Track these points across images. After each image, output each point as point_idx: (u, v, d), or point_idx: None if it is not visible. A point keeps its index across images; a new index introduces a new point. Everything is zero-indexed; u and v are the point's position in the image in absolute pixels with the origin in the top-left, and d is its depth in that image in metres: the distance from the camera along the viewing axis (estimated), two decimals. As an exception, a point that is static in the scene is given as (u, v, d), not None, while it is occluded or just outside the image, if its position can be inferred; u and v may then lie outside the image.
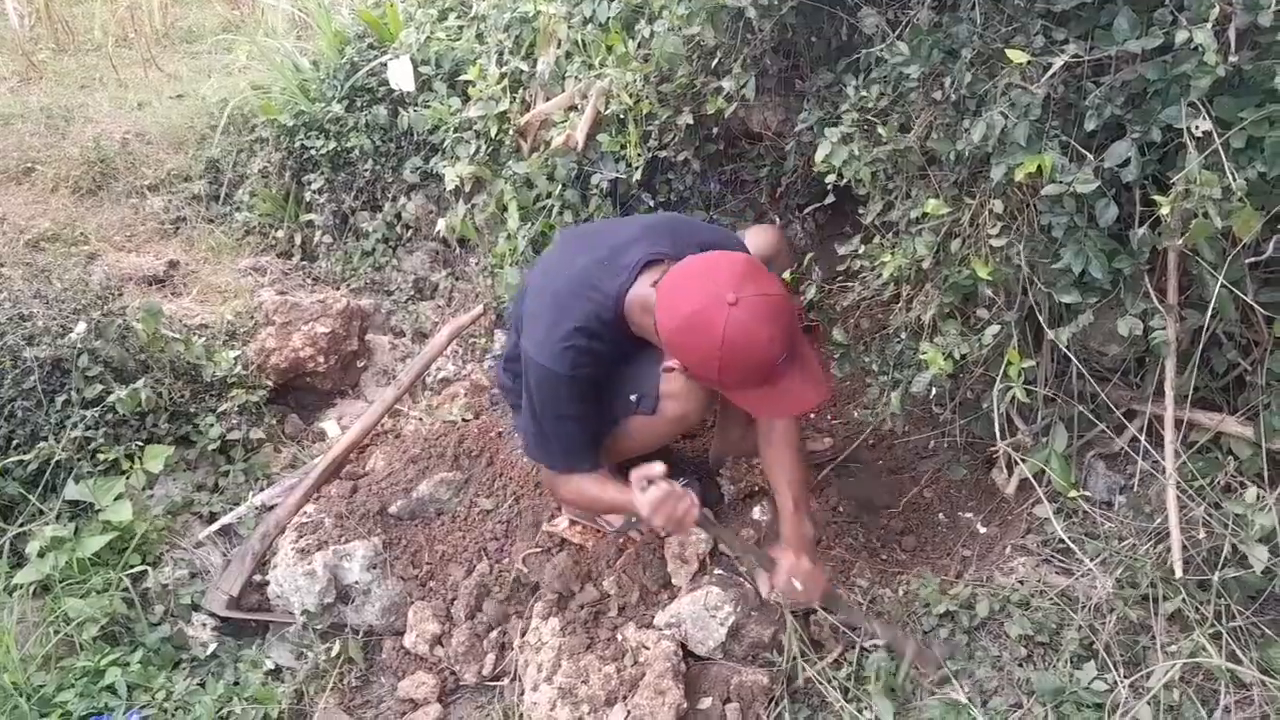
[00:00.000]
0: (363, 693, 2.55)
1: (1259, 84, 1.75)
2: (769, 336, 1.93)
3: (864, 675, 2.25)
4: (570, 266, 2.25)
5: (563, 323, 2.14)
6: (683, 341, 1.98)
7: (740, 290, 1.91)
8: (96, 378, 2.94)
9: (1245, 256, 1.87)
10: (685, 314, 1.95)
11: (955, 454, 2.71)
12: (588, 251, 2.25)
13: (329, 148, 3.98)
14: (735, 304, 1.90)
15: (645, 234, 2.25)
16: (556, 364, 2.13)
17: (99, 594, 2.58)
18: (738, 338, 1.90)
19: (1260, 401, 2.05)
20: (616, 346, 2.20)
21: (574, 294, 2.17)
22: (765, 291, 1.94)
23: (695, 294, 1.94)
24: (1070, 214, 2.03)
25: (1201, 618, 2.02)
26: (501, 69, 3.49)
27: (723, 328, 1.90)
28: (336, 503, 2.82)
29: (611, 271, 2.16)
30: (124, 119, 4.76)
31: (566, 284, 2.21)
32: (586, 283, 2.17)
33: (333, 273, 4.08)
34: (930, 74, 2.22)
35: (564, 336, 2.13)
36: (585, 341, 2.14)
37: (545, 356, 2.14)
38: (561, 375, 2.14)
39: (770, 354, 1.95)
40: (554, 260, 2.38)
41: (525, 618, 2.53)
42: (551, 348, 2.14)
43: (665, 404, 2.24)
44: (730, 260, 2.00)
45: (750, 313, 1.90)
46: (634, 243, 2.21)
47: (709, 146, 3.17)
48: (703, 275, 1.98)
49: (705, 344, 1.93)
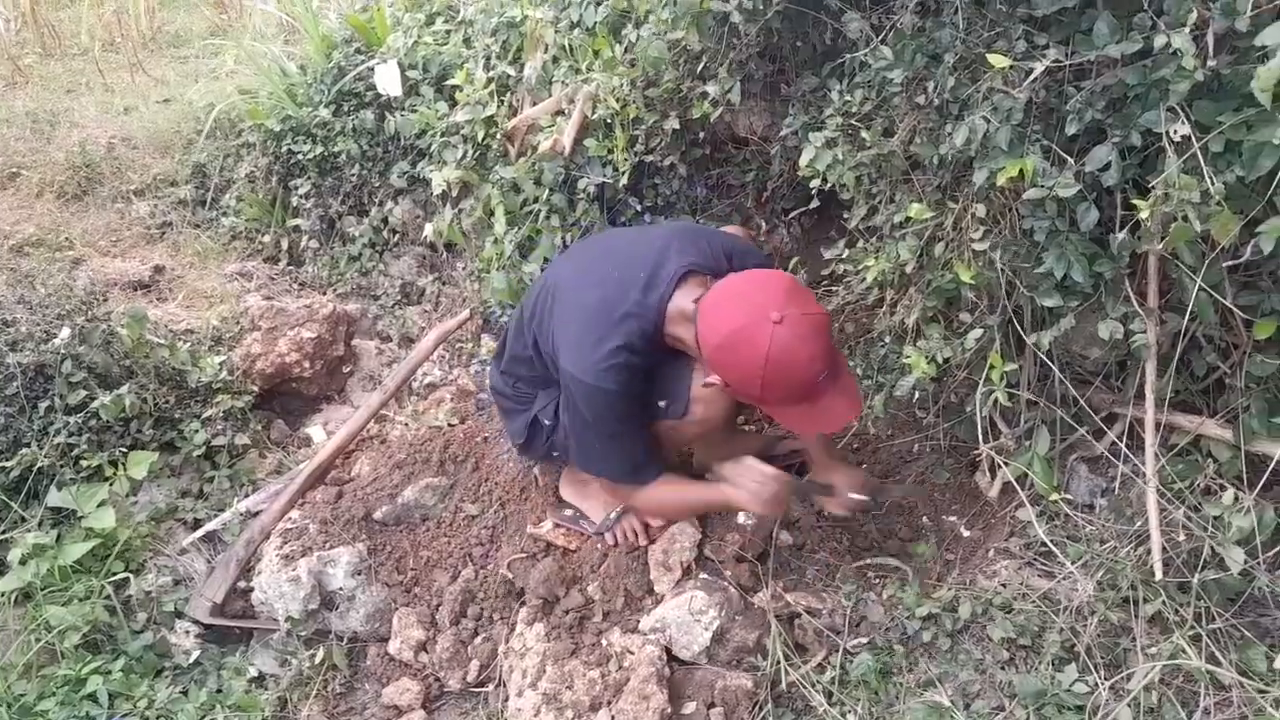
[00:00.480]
0: (347, 699, 2.54)
1: (1237, 88, 1.76)
2: (810, 354, 1.95)
3: (847, 679, 2.25)
4: (604, 281, 2.24)
5: (606, 340, 2.14)
6: (726, 358, 2.01)
7: (784, 309, 1.94)
8: (80, 384, 2.93)
9: (1224, 260, 1.88)
10: (729, 331, 1.97)
11: (939, 457, 2.71)
12: (620, 264, 2.26)
13: (316, 152, 3.98)
14: (780, 322, 1.93)
15: (676, 245, 2.26)
16: (604, 381, 2.14)
17: (81, 602, 2.57)
18: (781, 356, 1.93)
19: (1239, 404, 2.06)
20: (655, 358, 2.22)
21: (614, 310, 2.17)
22: (808, 310, 1.97)
23: (739, 312, 1.97)
24: (1052, 218, 2.04)
25: (1181, 620, 2.03)
26: (488, 73, 3.49)
27: (767, 346, 1.93)
28: (321, 508, 2.81)
29: (650, 285, 2.18)
30: (110, 124, 4.74)
31: (604, 299, 2.20)
32: (626, 298, 2.18)
33: (319, 278, 4.08)
34: (913, 78, 2.22)
35: (608, 354, 2.13)
36: (629, 358, 2.15)
37: (591, 375, 2.15)
38: (611, 392, 2.16)
39: (812, 371, 1.97)
40: (581, 272, 2.35)
41: (510, 623, 2.53)
42: (596, 366, 2.14)
43: (694, 408, 2.26)
44: (772, 279, 2.03)
45: (793, 331, 1.93)
46: (667, 254, 2.23)
47: (695, 151, 3.17)
48: (746, 293, 2.00)
49: (749, 361, 1.96)
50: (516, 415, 2.55)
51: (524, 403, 2.52)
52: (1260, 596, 2.08)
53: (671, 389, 2.26)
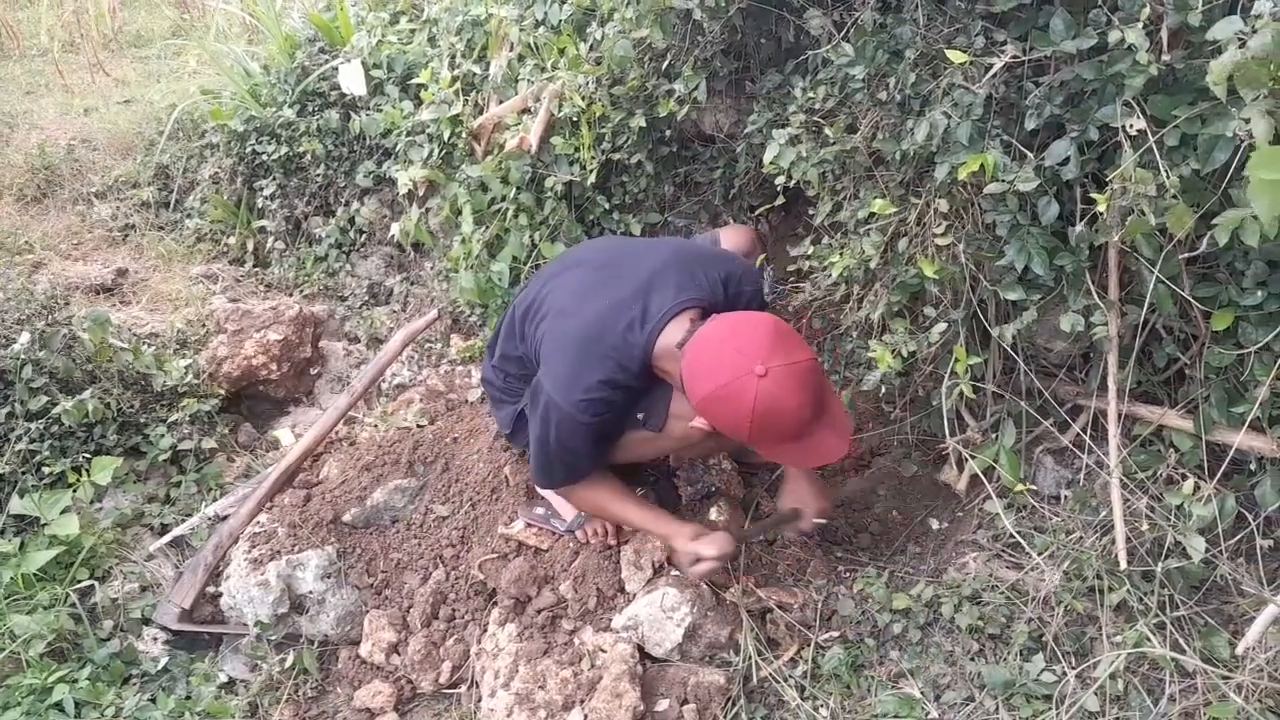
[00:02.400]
0: (318, 703, 2.52)
1: (1191, 83, 1.78)
2: (798, 403, 1.96)
3: (819, 673, 2.27)
4: (595, 305, 2.23)
5: (587, 374, 2.15)
6: (713, 410, 2.01)
7: (769, 361, 1.93)
8: (41, 389, 2.89)
9: (1181, 253, 1.91)
10: (714, 387, 1.97)
11: (906, 451, 2.73)
12: (614, 292, 2.24)
13: (281, 153, 3.95)
14: (764, 375, 1.92)
15: (673, 275, 2.25)
16: (581, 413, 2.15)
17: (46, 610, 2.54)
18: (768, 407, 1.94)
19: (1199, 394, 2.09)
20: (637, 390, 2.23)
21: (600, 342, 2.17)
22: (793, 360, 1.96)
23: (724, 366, 1.96)
24: (1013, 212, 2.06)
25: (1146, 608, 2.05)
26: (454, 72, 3.47)
27: (753, 400, 1.93)
28: (290, 512, 2.78)
29: (640, 319, 2.17)
30: (70, 125, 4.68)
31: (592, 328, 2.19)
32: (614, 330, 2.17)
33: (286, 279, 4.05)
34: (875, 75, 2.24)
35: (588, 388, 2.14)
36: (609, 394, 2.16)
37: (567, 402, 2.15)
38: (586, 424, 2.17)
39: (799, 418, 1.98)
40: (575, 293, 2.33)
41: (482, 624, 2.52)
42: (574, 396, 2.15)
43: (673, 424, 2.26)
44: (756, 326, 2.02)
45: (779, 384, 1.93)
46: (662, 286, 2.22)
47: (662, 149, 3.17)
48: (730, 345, 1.99)
49: (736, 415, 1.97)
50: (505, 405, 2.57)
51: (513, 396, 2.53)
52: (1223, 584, 2.11)
53: (652, 403, 2.27)
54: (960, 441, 2.46)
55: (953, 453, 2.53)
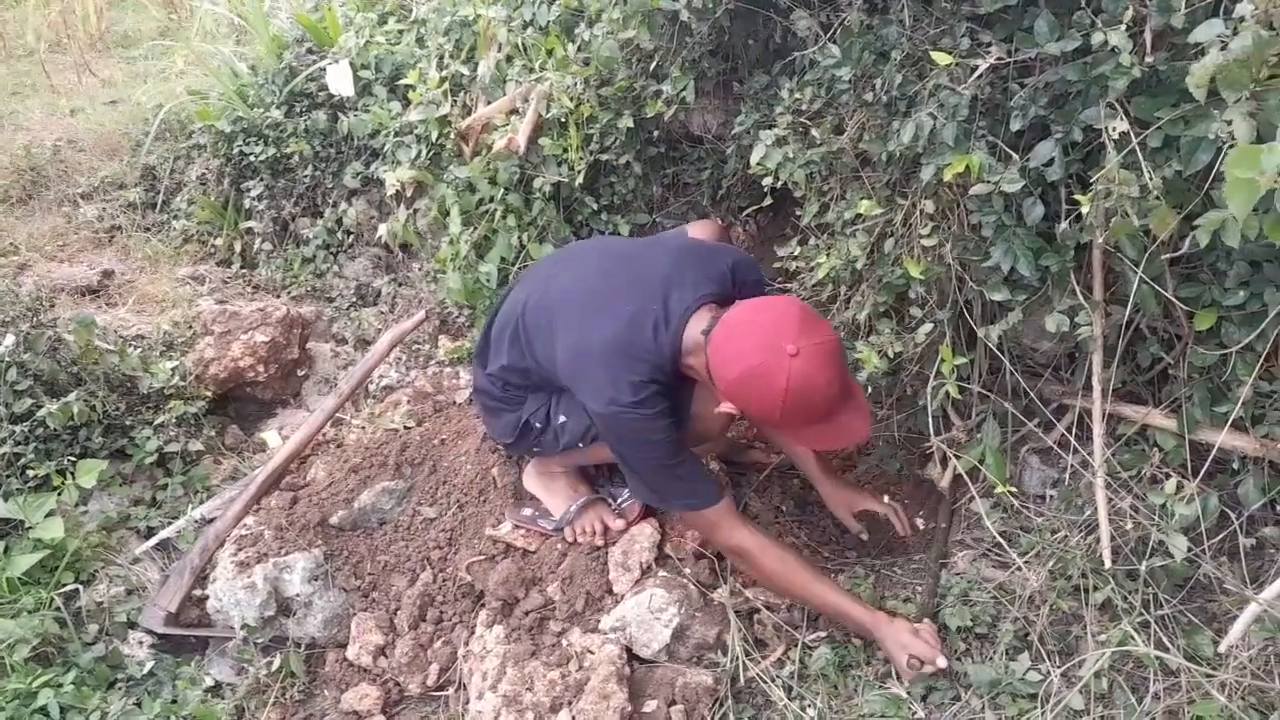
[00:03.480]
0: (305, 706, 2.51)
1: (1174, 84, 1.79)
2: (827, 381, 1.96)
3: (806, 673, 2.27)
4: (613, 317, 2.20)
5: (631, 376, 2.13)
6: (744, 392, 2.01)
7: (799, 341, 1.94)
8: (26, 391, 2.88)
9: (1164, 253, 1.92)
10: (745, 368, 1.97)
11: (892, 450, 2.74)
12: (629, 294, 2.23)
13: (268, 154, 3.94)
14: (796, 355, 1.93)
15: (685, 273, 2.24)
16: (635, 410, 2.13)
17: (30, 614, 2.51)
18: (800, 387, 1.94)
19: (1183, 394, 2.10)
20: (675, 390, 2.22)
21: (631, 349, 2.16)
22: (822, 338, 1.97)
23: (754, 348, 1.97)
24: (999, 213, 2.07)
25: (1130, 607, 2.06)
26: (442, 73, 3.47)
27: (786, 380, 1.93)
28: (277, 514, 2.77)
29: (663, 320, 2.17)
30: (56, 125, 4.66)
31: (620, 339, 2.17)
32: (642, 335, 2.16)
33: (273, 280, 4.03)
34: (861, 76, 2.25)
35: (638, 388, 2.12)
36: (656, 388, 2.15)
37: (621, 405, 2.13)
38: (644, 415, 2.14)
39: (829, 397, 1.98)
40: (584, 296, 2.30)
41: (469, 626, 2.51)
42: (624, 399, 2.12)
43: (694, 424, 2.27)
44: (784, 309, 2.02)
45: (810, 362, 1.93)
46: (679, 284, 2.21)
47: (650, 149, 3.18)
48: (758, 327, 1.99)
49: (768, 395, 1.96)
50: (504, 414, 2.52)
51: (513, 405, 2.50)
52: (1206, 582, 2.12)
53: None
54: (945, 441, 2.46)
55: (937, 452, 2.54)
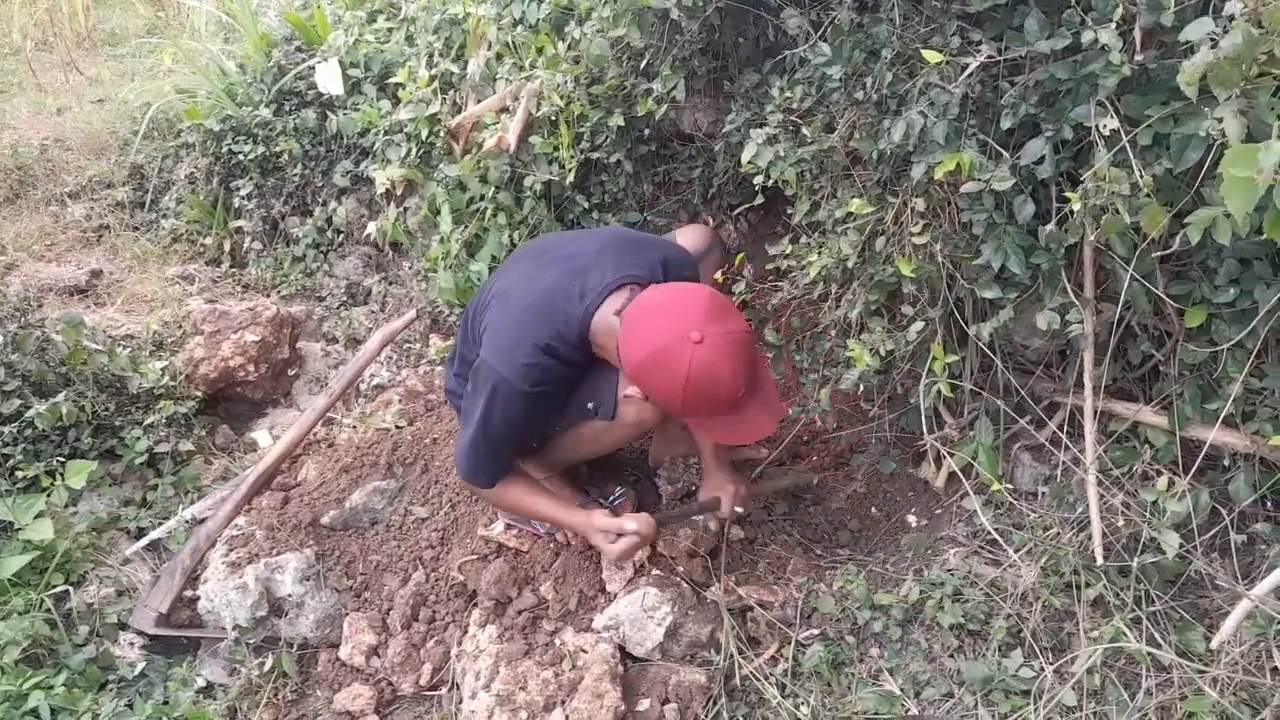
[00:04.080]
0: (298, 707, 2.50)
1: (1164, 82, 1.79)
2: (732, 372, 1.95)
3: (800, 670, 2.27)
4: (538, 282, 2.24)
5: (527, 339, 2.14)
6: (648, 377, 2.00)
7: (705, 328, 1.92)
8: (14, 392, 2.86)
9: (1155, 251, 1.92)
10: (650, 351, 1.96)
11: (885, 449, 2.74)
12: (555, 268, 2.25)
13: (257, 152, 3.92)
14: (700, 342, 1.91)
15: (611, 254, 2.25)
16: (519, 379, 2.14)
17: (20, 615, 2.50)
18: (702, 376, 1.93)
19: (1174, 391, 2.11)
20: (577, 365, 2.22)
21: (540, 312, 2.18)
22: (729, 329, 1.96)
23: (660, 331, 1.96)
24: (989, 211, 2.07)
25: (1122, 603, 2.07)
26: (431, 71, 3.46)
27: (687, 366, 1.92)
28: (268, 514, 2.76)
29: (579, 293, 2.17)
30: (43, 124, 4.63)
31: (534, 301, 2.20)
32: (554, 302, 2.18)
33: (263, 280, 4.01)
34: (852, 74, 2.24)
35: (528, 354, 2.13)
36: (548, 360, 2.15)
37: (508, 368, 2.14)
38: (520, 390, 2.15)
39: (733, 389, 1.97)
40: (519, 273, 2.35)
41: (462, 626, 2.51)
42: (514, 362, 2.14)
43: (624, 410, 2.26)
44: (695, 295, 2.02)
45: (714, 351, 1.92)
46: (601, 263, 2.22)
47: (641, 148, 3.17)
48: (668, 311, 1.99)
49: (670, 381, 1.95)
50: None
51: None
52: (1197, 579, 2.13)
53: (599, 391, 2.27)
54: (938, 439, 2.47)
55: (930, 450, 2.54)
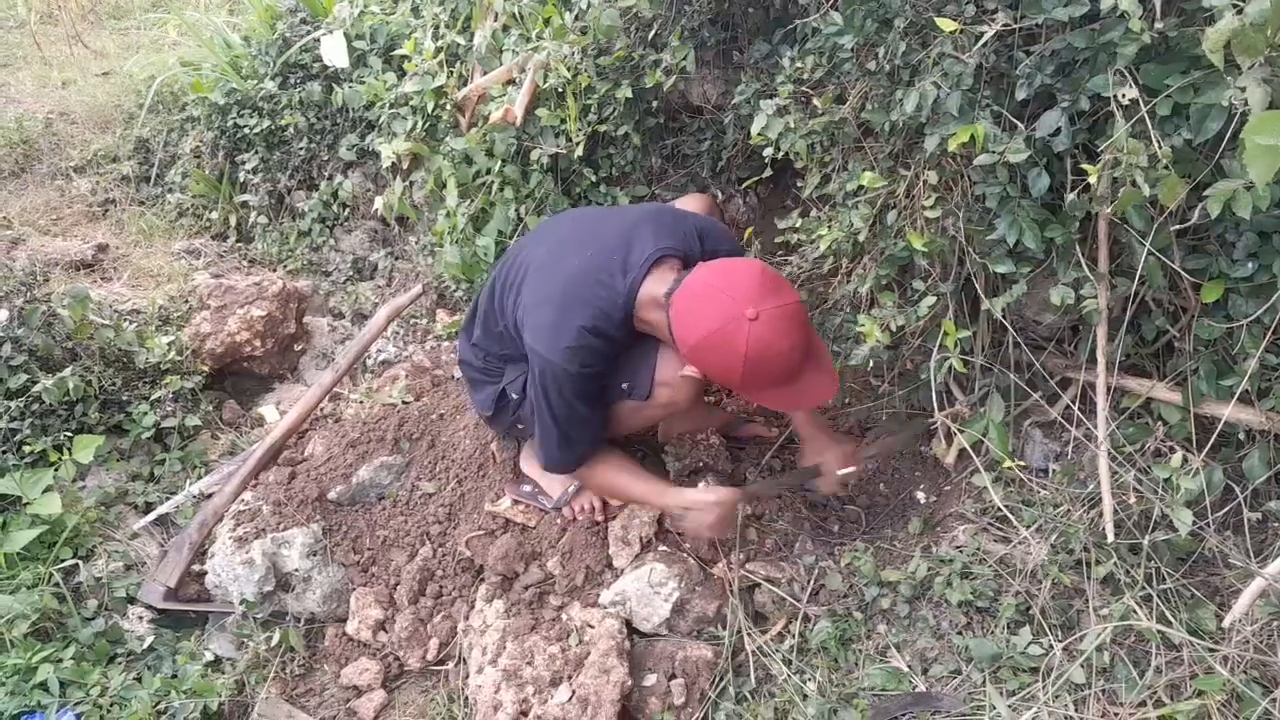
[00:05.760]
0: (305, 681, 2.51)
1: (1184, 51, 1.75)
2: (790, 344, 1.96)
3: (807, 646, 2.27)
4: (576, 258, 2.23)
5: (571, 320, 2.13)
6: (705, 357, 2.01)
7: (759, 304, 1.93)
8: (21, 367, 2.86)
9: (1172, 224, 1.89)
10: (705, 333, 1.97)
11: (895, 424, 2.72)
12: (592, 246, 2.23)
13: (263, 126, 3.90)
14: (756, 319, 1.92)
15: (649, 227, 2.24)
16: (566, 362, 2.13)
17: (29, 590, 2.51)
18: (760, 351, 1.94)
19: (1188, 367, 2.08)
20: (622, 342, 2.21)
21: (582, 289, 2.16)
22: (782, 301, 1.97)
23: (714, 311, 1.96)
24: (1003, 184, 2.04)
25: (1132, 581, 2.05)
26: (437, 43, 3.41)
27: (745, 344, 1.93)
28: (275, 489, 2.76)
29: (621, 268, 2.16)
30: (48, 98, 4.61)
31: (573, 278, 2.19)
32: (595, 279, 2.17)
33: (269, 254, 4.00)
34: (864, 44, 2.21)
35: (573, 336, 2.12)
36: (593, 340, 2.14)
37: (557, 354, 2.14)
38: (572, 374, 2.15)
39: (791, 360, 1.98)
40: (553, 246, 2.33)
41: (469, 601, 2.51)
42: (561, 344, 2.13)
43: (659, 391, 2.26)
44: (745, 271, 2.01)
45: (770, 326, 1.93)
46: (640, 237, 2.21)
47: (649, 120, 3.13)
48: (720, 290, 1.98)
49: (728, 359, 1.96)
50: (484, 386, 2.53)
51: (493, 375, 2.51)
52: (1210, 556, 2.11)
53: (635, 372, 2.25)
54: (949, 415, 2.44)
55: (941, 426, 2.52)
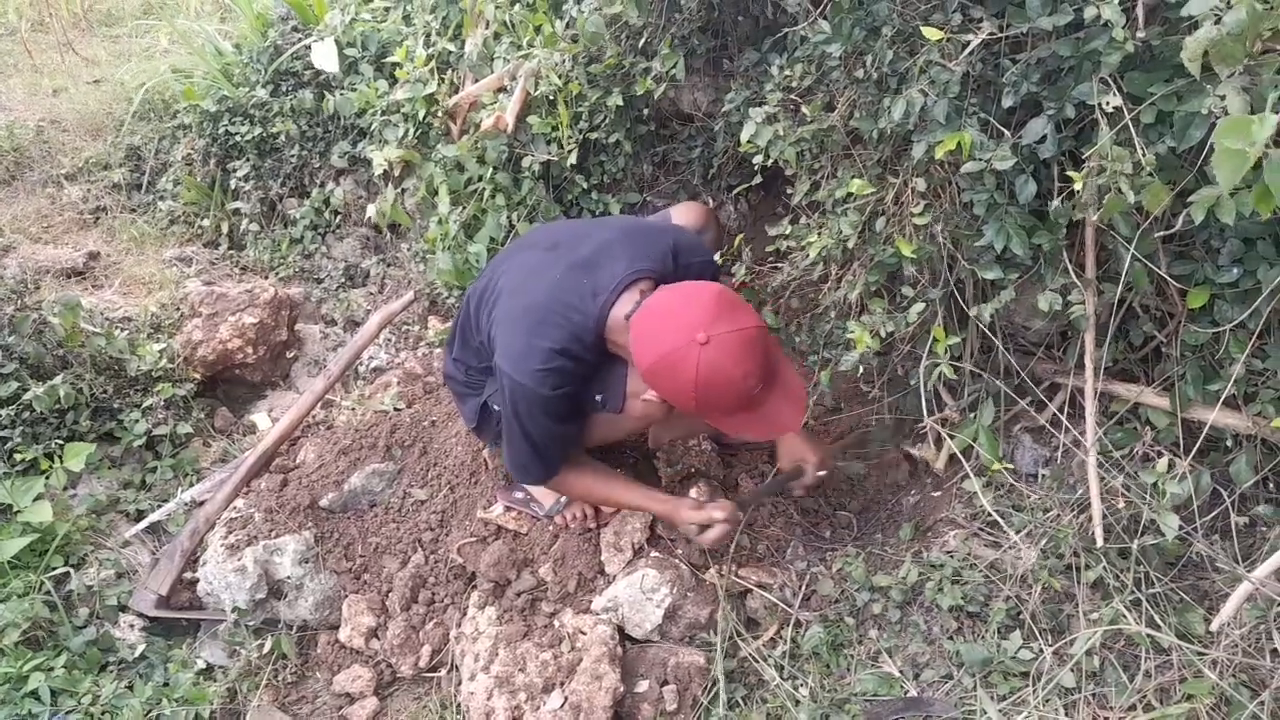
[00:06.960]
0: (298, 688, 2.51)
1: (1167, 59, 1.77)
2: (743, 372, 1.94)
3: (799, 652, 2.27)
4: (546, 278, 2.22)
5: (541, 344, 2.12)
6: (658, 380, 2.01)
7: (712, 328, 1.92)
8: (11, 375, 2.85)
9: (1157, 230, 1.91)
10: (658, 355, 1.96)
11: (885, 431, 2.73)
12: (564, 262, 2.23)
13: (254, 133, 3.90)
14: (707, 343, 1.91)
15: (622, 248, 2.24)
16: (537, 385, 2.13)
17: (20, 598, 2.50)
18: (711, 376, 1.92)
19: (1175, 372, 2.09)
20: (593, 363, 2.21)
21: (553, 312, 2.15)
22: (738, 326, 1.94)
23: (668, 334, 1.95)
24: (991, 191, 2.05)
25: (1122, 585, 2.07)
26: (429, 50, 3.43)
27: (695, 368, 1.92)
28: (266, 497, 2.76)
29: (591, 291, 2.16)
30: (39, 105, 4.60)
31: (545, 298, 2.18)
32: (566, 301, 2.16)
33: (261, 261, 3.99)
34: (852, 52, 2.22)
35: (543, 359, 2.12)
36: (564, 363, 2.14)
37: (523, 374, 2.13)
38: (541, 395, 2.14)
39: (745, 387, 1.96)
40: (527, 265, 2.32)
41: (461, 608, 2.51)
42: (530, 365, 2.12)
43: (632, 403, 2.25)
44: (699, 294, 2.00)
45: (722, 351, 1.91)
46: (613, 256, 2.21)
47: (640, 128, 3.14)
48: (674, 313, 1.98)
49: (680, 383, 1.95)
50: (468, 399, 2.54)
51: (475, 389, 2.51)
52: (1198, 561, 2.13)
53: (608, 384, 2.25)
54: (938, 420, 2.46)
55: (931, 432, 2.53)
